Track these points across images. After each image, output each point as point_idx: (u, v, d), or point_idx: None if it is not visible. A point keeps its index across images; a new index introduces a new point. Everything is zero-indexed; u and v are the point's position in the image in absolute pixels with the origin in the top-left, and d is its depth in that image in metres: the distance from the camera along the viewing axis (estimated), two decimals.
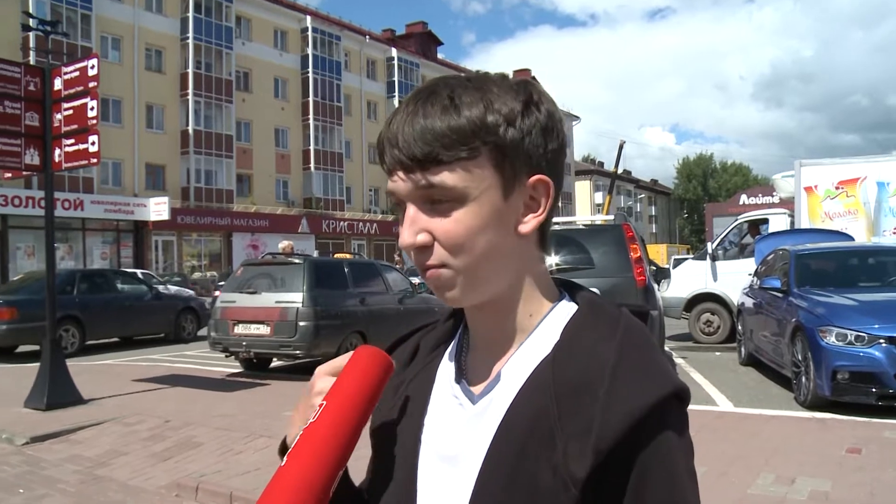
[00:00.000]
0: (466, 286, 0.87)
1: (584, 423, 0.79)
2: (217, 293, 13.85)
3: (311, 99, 45.52)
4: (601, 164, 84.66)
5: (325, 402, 0.85)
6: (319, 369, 0.97)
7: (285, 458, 0.80)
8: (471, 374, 0.94)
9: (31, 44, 29.18)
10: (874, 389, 6.93)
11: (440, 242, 0.84)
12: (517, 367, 0.89)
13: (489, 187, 0.84)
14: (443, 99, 0.83)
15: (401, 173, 0.84)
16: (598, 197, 72.57)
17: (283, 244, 12.87)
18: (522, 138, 0.84)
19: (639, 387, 0.80)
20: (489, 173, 0.84)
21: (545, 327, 0.91)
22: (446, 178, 0.82)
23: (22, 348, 14.04)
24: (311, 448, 0.80)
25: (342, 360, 0.94)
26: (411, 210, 0.85)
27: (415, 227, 0.85)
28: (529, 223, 0.88)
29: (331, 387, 0.88)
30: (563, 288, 0.97)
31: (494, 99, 0.84)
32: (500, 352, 0.92)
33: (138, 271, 25.67)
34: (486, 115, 0.83)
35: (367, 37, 51.71)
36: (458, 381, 0.94)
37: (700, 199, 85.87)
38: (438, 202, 0.84)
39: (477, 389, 0.92)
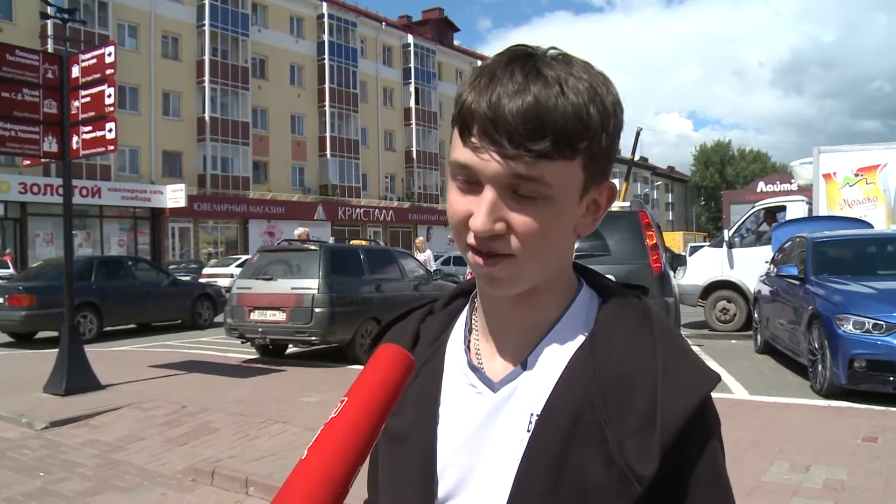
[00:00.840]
0: (524, 279, 0.86)
1: (641, 418, 0.81)
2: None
3: (326, 86, 45.58)
4: (618, 150, 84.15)
5: (346, 399, 0.84)
6: None
7: (306, 452, 0.81)
8: (486, 362, 0.93)
9: (49, 31, 29.37)
10: (891, 378, 6.88)
11: (517, 234, 0.82)
12: (546, 356, 0.89)
13: (573, 189, 0.83)
14: (552, 84, 0.79)
15: (495, 154, 0.79)
16: (615, 184, 72.18)
17: (299, 231, 12.93)
18: (611, 144, 0.85)
19: (691, 382, 0.83)
20: (578, 174, 0.83)
21: (571, 316, 0.91)
22: (547, 175, 0.79)
23: (41, 334, 14.18)
24: (332, 443, 0.80)
25: None
26: (490, 194, 0.81)
27: (495, 213, 0.81)
28: (588, 226, 0.89)
29: (352, 384, 0.88)
30: (578, 274, 0.97)
31: (593, 92, 0.82)
32: (523, 339, 0.91)
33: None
34: (590, 105, 0.80)
35: (383, 23, 51.63)
36: (472, 368, 0.93)
37: (717, 186, 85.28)
38: (525, 194, 0.81)
39: (496, 377, 0.90)
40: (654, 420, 0.80)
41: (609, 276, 1.00)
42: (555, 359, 0.88)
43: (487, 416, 0.89)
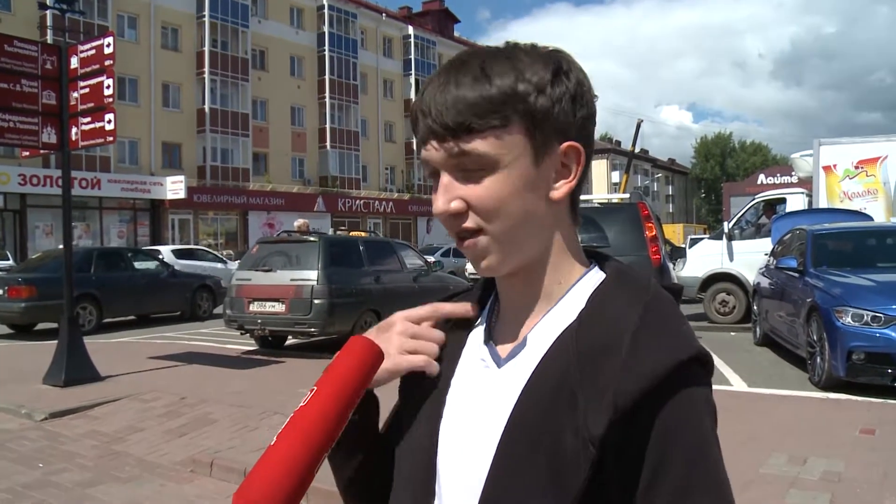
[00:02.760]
0: (501, 253, 0.89)
1: (608, 381, 0.80)
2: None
3: (327, 77, 45.46)
4: (618, 142, 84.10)
5: (315, 388, 0.89)
6: (400, 314, 1.01)
7: (275, 438, 0.84)
8: (499, 339, 0.96)
9: (48, 22, 29.22)
10: (889, 370, 6.90)
11: (474, 209, 0.86)
12: (543, 333, 0.90)
13: (520, 154, 0.86)
14: (474, 69, 0.85)
15: (434, 142, 0.86)
16: (615, 176, 72.12)
17: (299, 222, 12.91)
18: (552, 106, 0.86)
19: (659, 349, 0.81)
20: (520, 141, 0.85)
21: (573, 295, 0.92)
22: (478, 145, 0.84)
23: (40, 326, 14.21)
24: (299, 431, 0.85)
25: (421, 311, 1.01)
26: (445, 178, 0.87)
27: (448, 194, 0.87)
28: (561, 189, 0.90)
29: (322, 374, 0.92)
30: (594, 258, 0.98)
31: (525, 68, 0.85)
32: (527, 317, 0.93)
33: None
34: (517, 84, 0.84)
35: (384, 14, 51.47)
36: (486, 344, 0.96)
37: (718, 178, 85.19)
38: (471, 170, 0.86)
39: (504, 353, 0.93)
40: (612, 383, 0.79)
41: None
42: (550, 334, 0.89)
43: (490, 391, 0.92)
